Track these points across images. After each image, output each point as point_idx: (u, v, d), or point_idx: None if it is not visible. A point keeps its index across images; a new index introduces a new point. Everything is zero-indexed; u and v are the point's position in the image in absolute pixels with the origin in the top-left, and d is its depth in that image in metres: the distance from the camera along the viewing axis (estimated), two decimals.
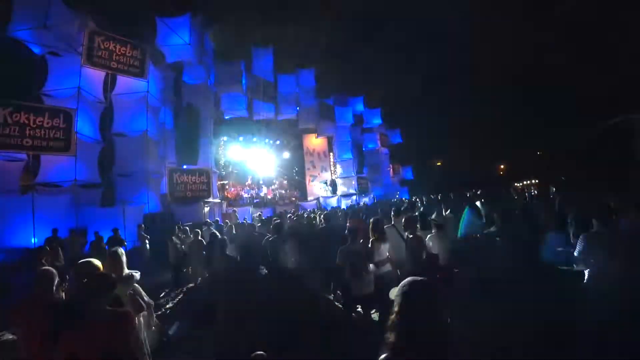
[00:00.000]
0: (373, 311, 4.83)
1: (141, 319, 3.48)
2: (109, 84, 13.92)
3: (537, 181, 37.37)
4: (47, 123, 11.35)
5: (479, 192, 12.03)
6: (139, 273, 3.60)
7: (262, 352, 2.69)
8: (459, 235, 5.84)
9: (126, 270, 3.45)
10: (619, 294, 3.08)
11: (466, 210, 6.13)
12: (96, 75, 13.45)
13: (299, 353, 3.82)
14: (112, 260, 3.45)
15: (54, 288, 2.81)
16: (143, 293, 3.52)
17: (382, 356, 1.34)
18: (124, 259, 3.50)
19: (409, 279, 1.53)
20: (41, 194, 11.44)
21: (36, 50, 12.54)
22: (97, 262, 2.90)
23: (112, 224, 10.31)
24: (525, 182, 40.47)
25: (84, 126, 12.62)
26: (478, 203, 7.05)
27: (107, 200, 13.56)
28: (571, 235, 3.76)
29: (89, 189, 13.03)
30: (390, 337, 1.36)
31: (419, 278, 1.53)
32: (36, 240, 10.29)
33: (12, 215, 10.46)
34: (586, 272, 3.30)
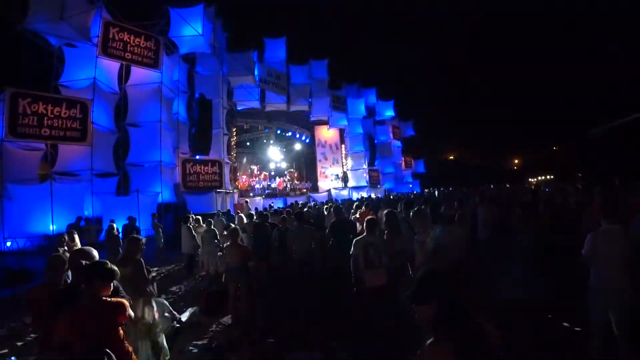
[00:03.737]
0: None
1: (153, 304, 3.57)
2: (124, 74, 14.09)
3: (552, 177, 36.66)
4: (65, 113, 11.59)
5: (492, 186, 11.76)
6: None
7: (272, 340, 2.74)
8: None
9: (137, 256, 3.53)
10: (622, 292, 3.01)
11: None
12: (111, 66, 13.63)
13: (307, 340, 3.87)
14: (128, 245, 3.57)
15: (63, 274, 2.88)
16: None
17: (429, 341, 1.41)
18: (140, 245, 3.58)
19: (423, 268, 1.60)
20: (59, 182, 11.73)
21: (53, 42, 12.76)
22: (92, 252, 2.92)
23: (127, 212, 10.52)
24: (540, 178, 39.74)
25: (99, 116, 12.85)
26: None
27: (122, 190, 13.84)
28: None
29: (104, 178, 13.30)
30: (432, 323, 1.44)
31: (431, 267, 1.60)
32: (55, 227, 10.59)
33: (32, 203, 10.77)
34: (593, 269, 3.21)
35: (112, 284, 2.40)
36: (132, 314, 2.47)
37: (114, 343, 2.25)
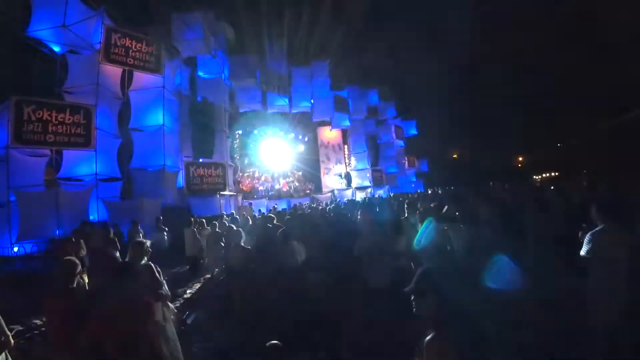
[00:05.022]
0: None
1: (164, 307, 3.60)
2: (126, 80, 14.19)
3: (557, 174, 36.43)
4: (69, 119, 11.68)
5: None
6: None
7: (276, 342, 2.74)
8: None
9: (145, 260, 3.54)
10: (622, 295, 2.97)
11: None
12: (114, 71, 13.73)
13: (313, 342, 3.88)
14: (133, 249, 3.57)
15: (76, 277, 2.91)
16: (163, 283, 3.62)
17: (428, 338, 1.43)
18: (146, 249, 3.59)
19: (422, 268, 1.62)
20: (64, 188, 11.83)
21: (56, 49, 12.90)
22: (115, 253, 2.98)
23: (132, 216, 10.56)
24: (544, 175, 39.49)
25: (103, 122, 12.95)
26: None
27: (126, 194, 13.91)
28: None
29: (109, 182, 13.39)
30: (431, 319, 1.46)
31: (431, 266, 1.63)
32: (60, 232, 10.66)
33: (38, 209, 10.84)
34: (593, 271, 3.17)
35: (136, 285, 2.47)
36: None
37: (146, 338, 2.29)
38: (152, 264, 3.54)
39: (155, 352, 2.40)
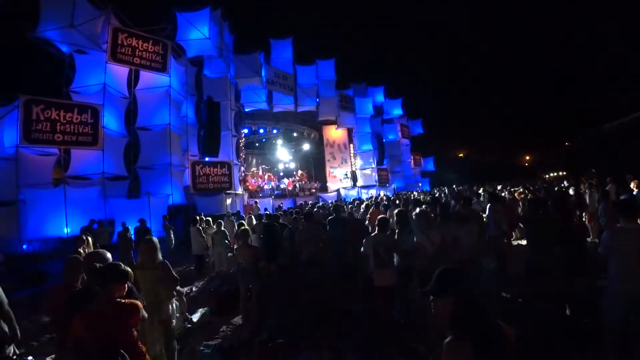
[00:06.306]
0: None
1: (174, 305, 3.64)
2: (133, 79, 14.29)
3: (564, 173, 36.03)
4: (76, 119, 11.82)
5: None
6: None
7: (281, 340, 2.74)
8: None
9: (160, 258, 3.58)
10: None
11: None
12: (120, 71, 13.83)
13: (316, 341, 3.87)
14: (147, 248, 3.60)
15: (80, 275, 2.92)
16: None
17: (447, 339, 1.42)
18: (158, 246, 3.63)
19: (440, 268, 1.60)
20: (72, 186, 11.96)
21: (64, 49, 13.03)
22: (106, 254, 2.97)
23: (138, 214, 10.64)
24: (552, 174, 39.09)
25: (110, 121, 13.07)
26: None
27: (133, 192, 14.02)
28: None
29: (116, 181, 13.51)
30: (450, 321, 1.45)
31: (448, 266, 1.61)
32: (69, 230, 10.78)
33: (46, 207, 10.99)
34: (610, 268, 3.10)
35: (126, 285, 2.43)
36: (145, 315, 2.49)
37: (128, 344, 2.28)
38: (167, 262, 3.61)
39: (139, 355, 2.37)
